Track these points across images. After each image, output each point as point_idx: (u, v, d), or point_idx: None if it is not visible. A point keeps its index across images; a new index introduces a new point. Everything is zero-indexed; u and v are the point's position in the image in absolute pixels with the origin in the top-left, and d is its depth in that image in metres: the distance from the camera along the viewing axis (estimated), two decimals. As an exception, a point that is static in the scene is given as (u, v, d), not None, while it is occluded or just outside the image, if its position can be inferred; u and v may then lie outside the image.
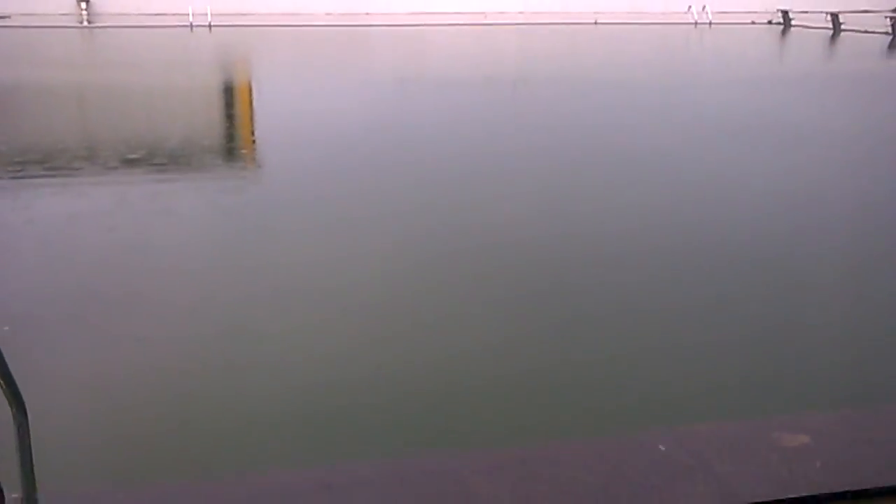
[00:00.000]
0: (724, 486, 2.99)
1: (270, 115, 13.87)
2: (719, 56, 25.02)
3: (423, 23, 30.82)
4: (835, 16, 30.38)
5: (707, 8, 33.03)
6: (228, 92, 17.19)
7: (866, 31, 28.84)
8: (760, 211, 7.99)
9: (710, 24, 32.28)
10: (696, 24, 32.23)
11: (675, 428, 3.44)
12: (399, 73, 19.75)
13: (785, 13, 33.01)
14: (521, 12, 35.92)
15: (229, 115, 14.47)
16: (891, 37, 27.24)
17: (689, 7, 33.23)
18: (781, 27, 32.41)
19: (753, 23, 33.62)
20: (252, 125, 13.32)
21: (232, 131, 12.94)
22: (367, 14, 34.21)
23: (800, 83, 18.13)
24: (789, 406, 4.33)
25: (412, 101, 15.28)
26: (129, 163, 9.74)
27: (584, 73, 19.72)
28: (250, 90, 17.32)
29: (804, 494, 2.99)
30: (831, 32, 29.71)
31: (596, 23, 31.66)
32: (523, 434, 3.99)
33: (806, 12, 35.40)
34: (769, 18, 33.96)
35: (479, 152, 10.45)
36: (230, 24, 28.62)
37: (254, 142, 11.93)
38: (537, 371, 4.71)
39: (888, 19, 28.25)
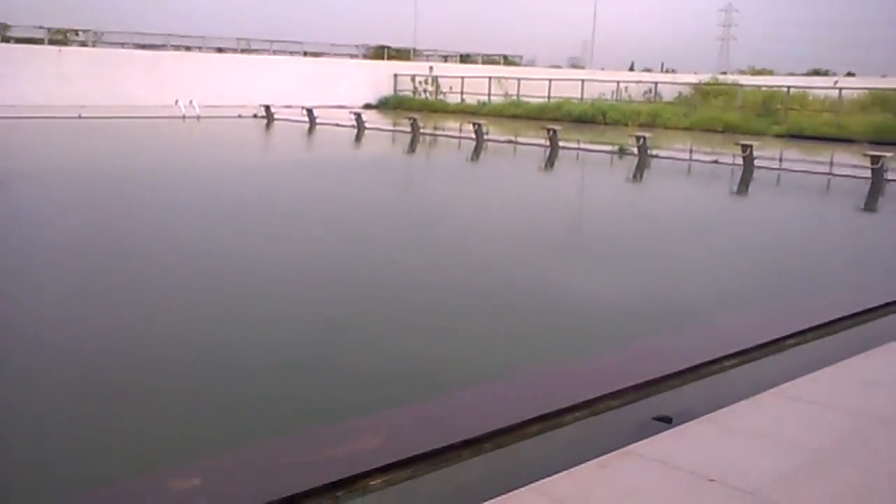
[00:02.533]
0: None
1: None
2: (196, 147, 26.20)
3: None
4: (310, 111, 33.59)
5: (194, 102, 34.18)
6: None
7: (337, 125, 32.33)
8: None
9: (199, 117, 33.44)
10: (184, 117, 33.11)
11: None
12: None
13: (267, 108, 35.58)
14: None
15: None
16: (356, 129, 30.89)
17: (177, 101, 34.08)
18: (265, 120, 34.80)
19: (240, 116, 35.60)
20: None
21: None
22: None
23: (270, 166, 19.87)
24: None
25: None
26: None
27: (65, 166, 19.24)
28: None
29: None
30: (308, 125, 32.75)
31: (80, 116, 30.82)
32: None
33: (289, 107, 38.60)
34: (254, 112, 36.27)
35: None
36: None
37: None
38: None
39: (352, 115, 32.00)
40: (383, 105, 48.15)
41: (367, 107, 45.90)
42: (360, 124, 31.27)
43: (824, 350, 6.63)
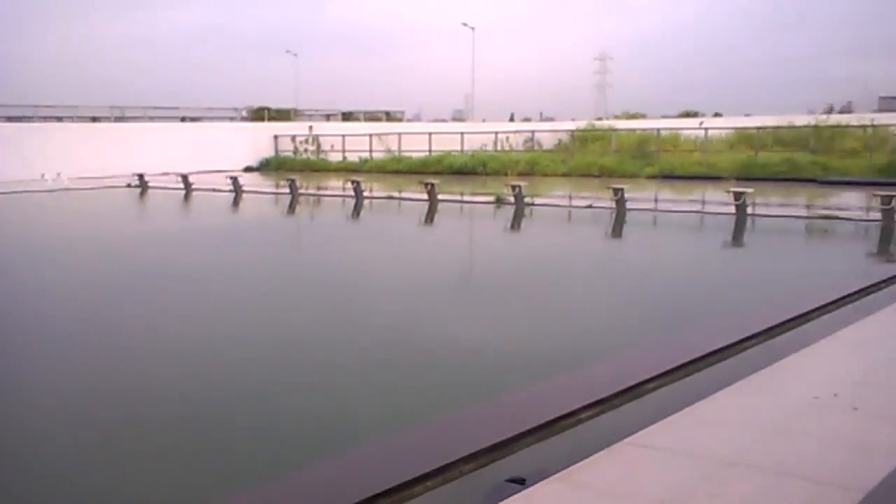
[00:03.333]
0: None
1: None
2: (51, 220, 25.14)
3: None
4: (185, 177, 32.77)
5: (62, 174, 32.95)
6: None
7: (213, 190, 31.61)
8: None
9: (67, 189, 32.20)
10: (51, 190, 31.83)
11: None
12: None
13: (141, 176, 34.53)
14: None
15: None
16: (233, 193, 30.21)
17: (43, 174, 32.77)
18: (139, 189, 33.74)
19: (112, 186, 34.42)
20: None
21: None
22: None
23: (134, 236, 19.19)
24: None
25: None
26: None
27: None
28: None
29: None
30: (184, 192, 31.88)
31: (-64, 195, 29.20)
32: None
33: (167, 174, 37.56)
34: (128, 182, 35.11)
35: None
36: None
37: None
38: None
39: (229, 179, 31.32)
40: (264, 167, 47.50)
41: (249, 169, 45.24)
42: (237, 188, 30.64)
43: (679, 393, 6.64)
